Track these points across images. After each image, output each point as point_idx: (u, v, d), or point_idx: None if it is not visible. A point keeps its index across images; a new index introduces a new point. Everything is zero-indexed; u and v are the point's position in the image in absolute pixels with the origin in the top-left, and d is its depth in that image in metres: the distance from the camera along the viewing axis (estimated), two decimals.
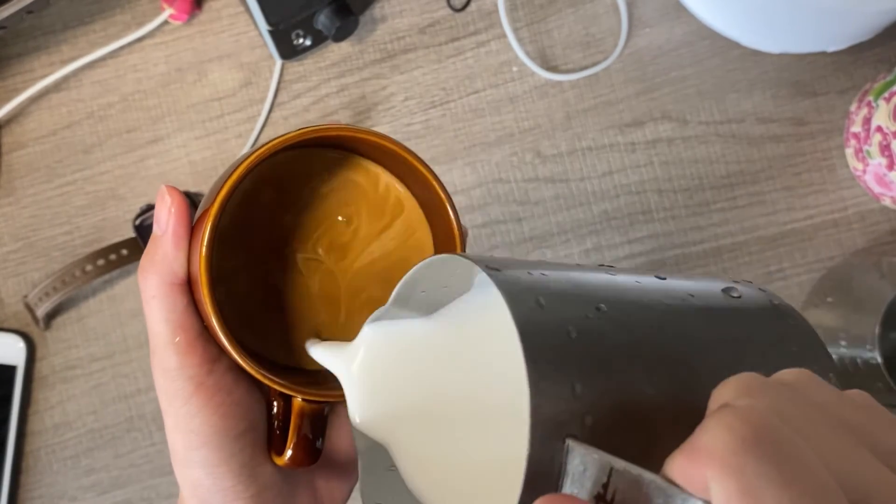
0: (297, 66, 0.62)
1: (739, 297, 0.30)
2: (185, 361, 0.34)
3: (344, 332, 0.37)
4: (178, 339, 0.34)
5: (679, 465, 0.20)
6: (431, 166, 0.35)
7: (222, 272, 0.35)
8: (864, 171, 0.60)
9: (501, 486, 0.24)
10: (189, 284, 0.34)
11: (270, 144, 0.34)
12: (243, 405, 0.34)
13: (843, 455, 0.20)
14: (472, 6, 0.62)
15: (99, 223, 0.60)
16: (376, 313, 0.31)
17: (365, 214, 0.38)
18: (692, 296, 0.28)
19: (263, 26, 0.58)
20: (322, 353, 0.34)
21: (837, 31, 0.60)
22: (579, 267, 0.28)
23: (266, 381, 0.33)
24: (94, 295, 0.60)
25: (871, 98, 0.58)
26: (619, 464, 0.21)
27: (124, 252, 0.59)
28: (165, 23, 0.61)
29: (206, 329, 0.34)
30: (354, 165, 0.38)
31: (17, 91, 0.60)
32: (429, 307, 0.31)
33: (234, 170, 0.33)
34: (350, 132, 0.35)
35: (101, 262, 0.58)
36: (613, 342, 0.24)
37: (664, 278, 0.29)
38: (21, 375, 0.58)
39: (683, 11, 0.62)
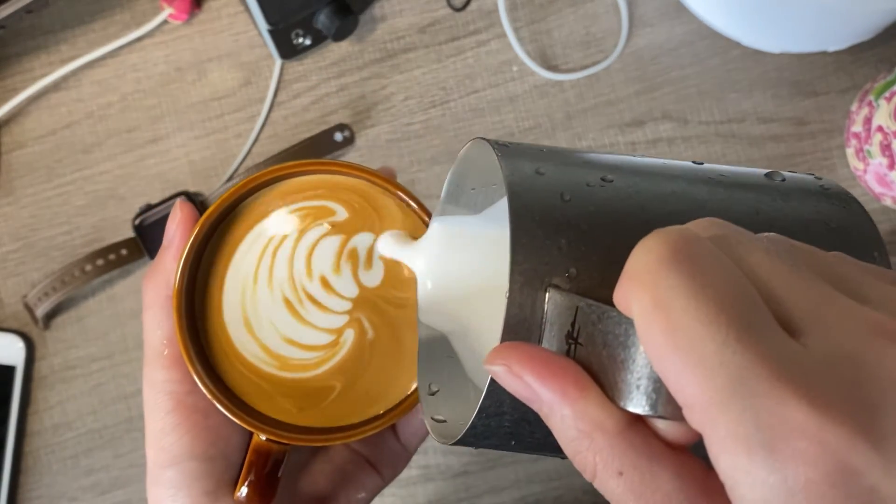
0: (296, 66, 0.62)
1: (784, 180, 0.27)
2: (168, 376, 0.34)
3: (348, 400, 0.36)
4: (166, 352, 0.34)
5: (615, 293, 0.21)
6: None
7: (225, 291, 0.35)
8: (865, 171, 0.60)
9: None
10: None
11: (299, 166, 0.33)
12: (218, 432, 0.34)
13: (774, 270, 0.20)
14: (473, 6, 0.62)
15: (98, 223, 0.60)
16: (437, 209, 0.32)
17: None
18: (724, 176, 0.27)
19: (263, 26, 0.58)
20: (393, 246, 0.34)
21: (838, 31, 0.60)
22: (613, 153, 0.28)
23: (219, 404, 0.33)
24: (93, 295, 0.60)
25: (871, 98, 0.58)
26: (582, 302, 0.22)
27: (124, 252, 0.59)
28: (165, 22, 0.61)
29: None
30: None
31: (17, 91, 0.60)
32: (483, 205, 0.31)
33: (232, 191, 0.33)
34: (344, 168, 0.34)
35: (100, 261, 0.58)
36: (612, 206, 0.24)
37: (701, 163, 0.27)
38: (20, 375, 0.58)
39: (684, 11, 0.62)
